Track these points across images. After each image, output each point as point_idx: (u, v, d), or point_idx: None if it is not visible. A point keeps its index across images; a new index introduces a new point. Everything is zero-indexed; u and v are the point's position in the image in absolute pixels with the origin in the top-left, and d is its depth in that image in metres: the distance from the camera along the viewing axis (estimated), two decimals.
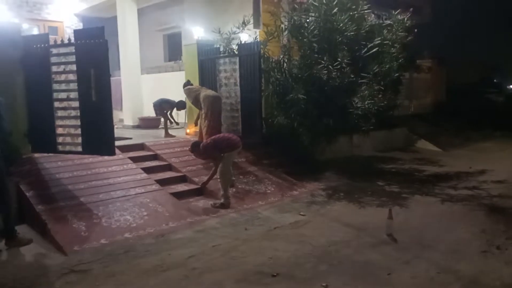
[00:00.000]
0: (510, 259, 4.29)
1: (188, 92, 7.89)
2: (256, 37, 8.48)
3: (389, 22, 8.38)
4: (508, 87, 28.04)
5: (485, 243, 4.72)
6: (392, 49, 8.11)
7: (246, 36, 8.57)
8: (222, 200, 5.97)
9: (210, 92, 7.63)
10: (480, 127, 14.77)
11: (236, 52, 8.13)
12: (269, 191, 6.75)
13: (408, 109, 14.62)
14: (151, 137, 8.37)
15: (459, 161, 9.94)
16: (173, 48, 13.39)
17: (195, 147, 6.27)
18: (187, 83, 8.14)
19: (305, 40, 7.87)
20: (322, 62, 7.57)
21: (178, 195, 6.15)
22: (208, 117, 7.35)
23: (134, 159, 6.88)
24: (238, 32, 8.53)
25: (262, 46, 7.93)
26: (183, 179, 6.75)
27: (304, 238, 4.91)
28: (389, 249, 4.57)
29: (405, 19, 8.29)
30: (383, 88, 7.88)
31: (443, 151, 11.90)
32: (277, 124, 7.97)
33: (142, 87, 11.29)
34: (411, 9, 8.62)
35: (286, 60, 8.24)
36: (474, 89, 20.28)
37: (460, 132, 14.25)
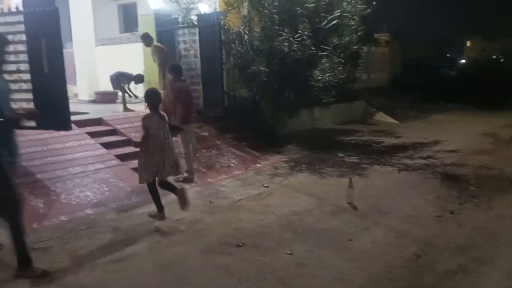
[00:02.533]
0: (463, 222, 4.54)
1: (157, 49, 7.40)
2: (215, 8, 8.31)
3: None
4: (460, 61, 29.18)
5: (439, 208, 4.98)
6: (351, 21, 8.19)
7: (206, 6, 8.39)
8: (185, 175, 5.91)
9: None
10: (434, 100, 15.37)
11: (196, 23, 7.93)
12: (232, 165, 6.76)
13: (366, 83, 14.92)
14: (109, 112, 8.10)
15: (415, 133, 10.33)
16: (129, 18, 12.91)
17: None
18: (151, 37, 7.66)
19: (265, 11, 7.79)
20: (283, 34, 7.54)
21: None
22: None
23: (92, 134, 6.65)
24: (197, 2, 8.30)
25: (222, 17, 7.77)
26: None
27: (268, 208, 4.98)
28: (350, 217, 4.73)
29: None
30: (343, 61, 7.99)
31: (399, 123, 12.32)
32: (239, 97, 7.93)
33: (97, 60, 10.84)
34: None
35: (247, 32, 8.15)
36: (428, 63, 20.95)
37: (416, 104, 14.78)
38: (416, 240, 4.08)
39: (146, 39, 7.61)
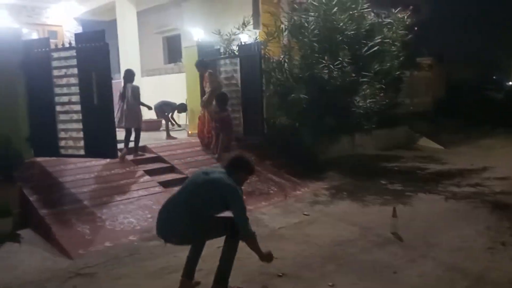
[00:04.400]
0: None
1: (212, 77, 7.64)
2: (256, 38, 8.50)
3: (389, 20, 8.41)
4: (507, 83, 28.04)
5: (490, 239, 4.72)
6: (392, 47, 8.13)
7: (246, 37, 8.57)
8: None
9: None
10: (480, 124, 14.77)
11: (237, 53, 8.13)
12: (272, 192, 6.74)
13: (409, 107, 14.60)
14: (152, 140, 8.35)
15: (461, 159, 9.93)
16: (173, 50, 13.40)
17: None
18: (206, 64, 7.84)
19: (305, 40, 7.88)
20: (323, 61, 7.56)
21: None
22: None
23: (137, 162, 6.87)
24: (238, 33, 8.54)
25: (262, 47, 7.93)
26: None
27: (309, 238, 4.90)
28: (395, 248, 4.56)
29: (405, 17, 8.32)
30: (384, 87, 7.89)
31: (444, 148, 11.90)
32: (279, 124, 7.97)
33: (142, 90, 11.27)
34: (411, 7, 8.64)
35: (286, 60, 8.24)
36: (473, 86, 20.29)
37: (461, 129, 14.26)
38: (467, 274, 3.88)
39: (202, 64, 7.79)
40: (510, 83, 27.44)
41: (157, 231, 3.55)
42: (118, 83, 10.99)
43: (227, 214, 3.46)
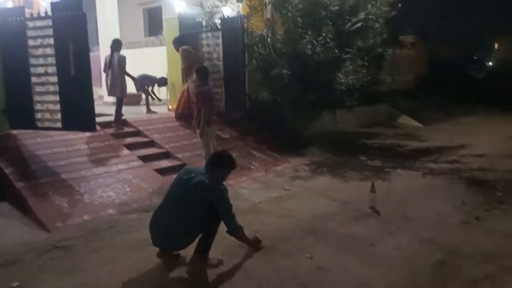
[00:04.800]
0: (490, 229, 4.40)
1: (185, 53, 7.59)
2: (239, 11, 8.33)
3: None
4: (487, 63, 28.42)
5: (465, 214, 4.84)
6: (376, 24, 8.09)
7: (229, 10, 8.41)
8: None
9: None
10: (461, 103, 15.00)
11: (219, 27, 7.97)
12: (253, 167, 6.75)
13: (390, 85, 14.68)
14: (132, 114, 8.22)
15: (440, 136, 10.10)
16: (154, 22, 13.11)
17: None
18: (183, 41, 7.82)
19: (289, 14, 7.77)
20: (306, 36, 7.51)
21: (162, 171, 6.09)
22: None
23: (116, 136, 6.77)
24: (221, 6, 8.35)
25: (245, 20, 7.78)
26: (166, 155, 6.69)
27: (288, 212, 4.95)
28: (372, 222, 4.64)
29: None
30: (366, 64, 7.89)
31: (424, 126, 12.07)
32: (261, 99, 7.92)
33: None
34: None
35: (269, 35, 8.14)
36: (455, 65, 20.48)
37: (442, 107, 14.45)
38: (441, 247, 3.97)
39: (177, 41, 7.75)
40: (491, 63, 27.83)
41: (153, 243, 3.64)
42: (96, 56, 10.75)
43: None
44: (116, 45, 7.41)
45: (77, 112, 5.59)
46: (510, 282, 3.34)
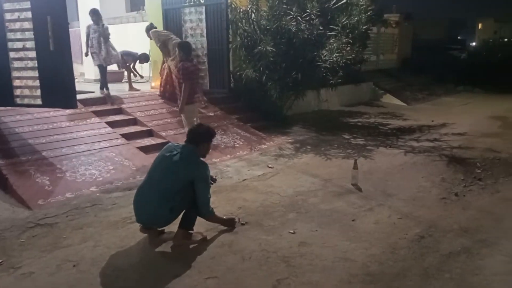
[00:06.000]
0: (468, 205, 4.52)
1: (156, 36, 7.63)
2: None
3: None
4: (470, 44, 28.68)
5: (444, 190, 4.96)
6: (360, 1, 8.03)
7: None
8: None
9: (179, 39, 7.40)
10: (444, 82, 15.18)
11: (202, 1, 7.83)
12: (237, 145, 6.75)
13: (375, 64, 14.75)
14: (115, 91, 8.08)
15: (422, 115, 10.24)
16: None
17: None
18: (151, 26, 7.88)
19: None
20: (291, 13, 7.43)
21: (145, 149, 6.04)
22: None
23: (98, 113, 6.67)
24: None
25: None
26: (149, 133, 6.63)
27: (272, 189, 4.99)
28: (354, 198, 4.72)
29: None
30: (351, 41, 7.85)
31: (407, 105, 12.21)
32: (245, 77, 7.86)
33: None
34: None
35: (254, 11, 8.01)
36: (438, 45, 20.61)
37: (424, 87, 14.62)
38: (420, 222, 4.07)
39: (147, 32, 7.87)
40: (474, 43, 28.07)
41: (137, 220, 3.65)
42: (76, 31, 10.48)
43: None
44: (99, 15, 7.61)
45: (57, 88, 5.45)
46: (485, 254, 3.45)
